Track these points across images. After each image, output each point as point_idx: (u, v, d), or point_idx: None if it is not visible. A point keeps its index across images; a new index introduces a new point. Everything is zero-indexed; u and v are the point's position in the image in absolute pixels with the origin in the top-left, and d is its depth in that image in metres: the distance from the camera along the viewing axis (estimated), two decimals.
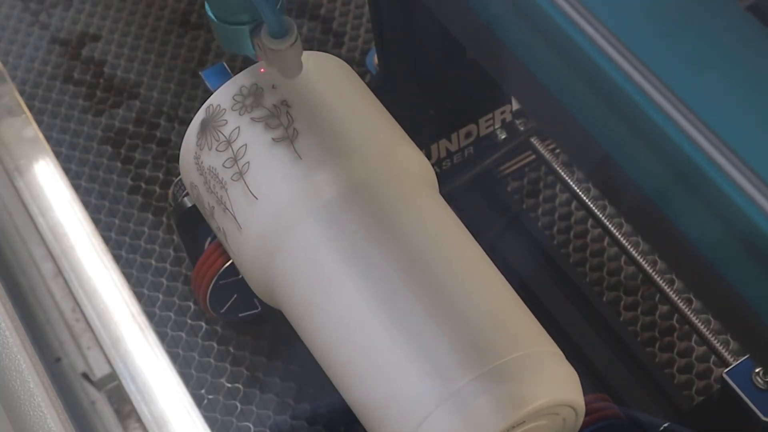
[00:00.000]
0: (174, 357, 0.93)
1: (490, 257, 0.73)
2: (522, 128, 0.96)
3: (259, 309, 0.89)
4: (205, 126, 0.76)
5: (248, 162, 0.73)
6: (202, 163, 0.76)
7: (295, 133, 0.72)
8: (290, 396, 0.91)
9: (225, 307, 0.88)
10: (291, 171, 0.71)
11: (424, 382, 0.65)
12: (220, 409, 0.91)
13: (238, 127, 0.74)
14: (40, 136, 0.93)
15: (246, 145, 0.73)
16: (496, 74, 0.56)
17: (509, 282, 0.71)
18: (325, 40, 1.14)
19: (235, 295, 0.87)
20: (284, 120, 0.73)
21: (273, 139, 0.72)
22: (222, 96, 0.76)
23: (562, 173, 0.94)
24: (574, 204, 1.00)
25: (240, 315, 0.89)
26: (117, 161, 1.08)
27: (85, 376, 0.80)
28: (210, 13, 0.70)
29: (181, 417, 0.76)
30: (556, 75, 0.49)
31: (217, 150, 0.74)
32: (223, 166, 0.74)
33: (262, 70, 0.75)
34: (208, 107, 0.76)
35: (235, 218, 0.74)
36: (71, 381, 0.80)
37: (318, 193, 0.71)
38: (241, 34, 0.70)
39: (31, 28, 1.19)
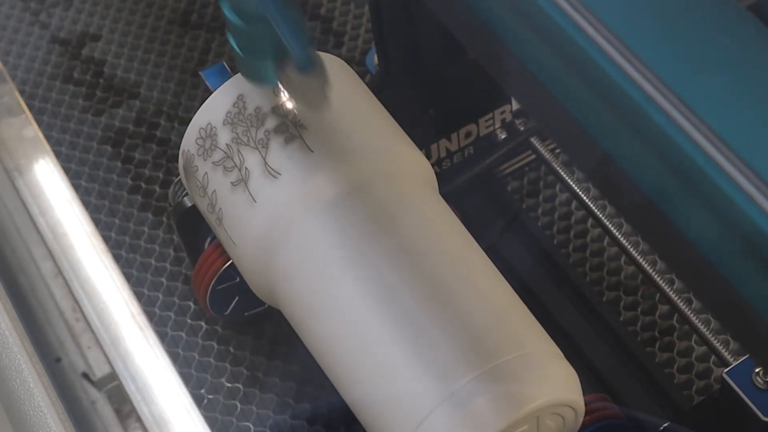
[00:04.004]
0: (174, 357, 0.93)
1: (490, 257, 0.73)
2: (522, 128, 0.96)
3: (227, 312, 0.90)
4: (186, 172, 0.77)
5: (221, 208, 0.74)
6: (197, 204, 0.78)
7: (247, 173, 0.72)
8: (290, 396, 0.91)
9: (217, 287, 0.88)
10: (249, 218, 0.72)
11: (424, 381, 0.65)
12: (220, 409, 0.91)
13: (206, 173, 0.75)
14: (40, 136, 0.93)
15: (215, 191, 0.74)
16: (496, 74, 0.56)
17: (509, 282, 0.71)
18: (325, 40, 1.14)
19: (227, 285, 0.87)
20: (237, 160, 0.73)
21: (232, 183, 0.73)
22: (188, 142, 0.77)
23: (562, 173, 0.94)
24: (574, 204, 0.99)
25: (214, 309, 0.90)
26: (117, 161, 1.08)
27: (85, 376, 0.80)
28: (233, 44, 0.67)
29: (181, 417, 0.76)
30: (556, 75, 0.49)
31: (199, 195, 0.76)
32: (207, 210, 0.76)
33: (286, 101, 0.73)
34: (183, 153, 0.77)
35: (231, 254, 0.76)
36: (71, 381, 0.80)
37: (316, 196, 0.71)
38: (265, 66, 0.67)
39: (31, 28, 1.19)
